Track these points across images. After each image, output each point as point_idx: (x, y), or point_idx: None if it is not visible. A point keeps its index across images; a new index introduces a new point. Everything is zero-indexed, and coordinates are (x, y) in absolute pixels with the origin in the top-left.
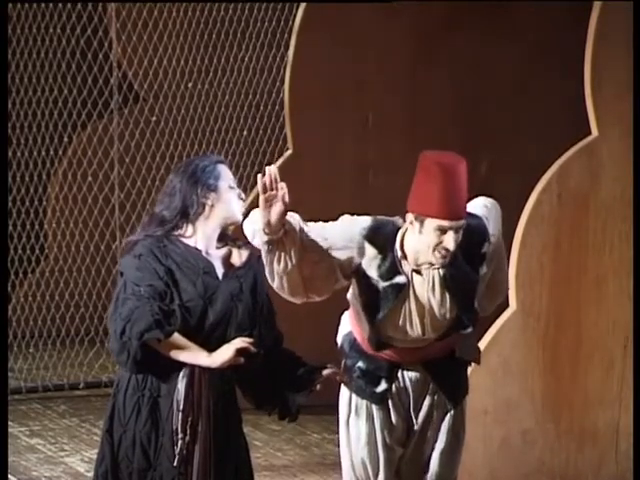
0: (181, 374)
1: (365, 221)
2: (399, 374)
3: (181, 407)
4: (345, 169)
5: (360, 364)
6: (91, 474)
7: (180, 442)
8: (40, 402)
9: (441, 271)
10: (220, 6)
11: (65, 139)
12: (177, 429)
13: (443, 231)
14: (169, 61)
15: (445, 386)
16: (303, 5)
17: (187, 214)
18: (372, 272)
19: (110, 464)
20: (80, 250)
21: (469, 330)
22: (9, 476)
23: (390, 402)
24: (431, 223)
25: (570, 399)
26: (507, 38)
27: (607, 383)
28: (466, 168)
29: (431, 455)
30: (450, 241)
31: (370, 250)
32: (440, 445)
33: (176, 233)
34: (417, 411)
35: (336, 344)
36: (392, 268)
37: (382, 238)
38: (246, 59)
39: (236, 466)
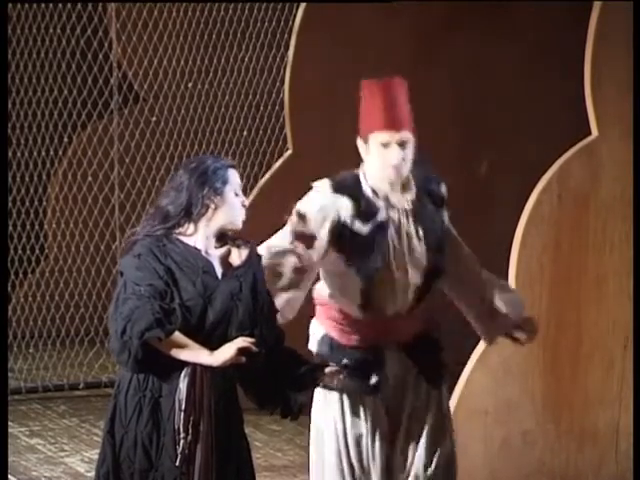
0: (182, 373)
1: (325, 182)
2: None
3: (183, 406)
4: (345, 169)
5: (346, 360)
6: (91, 474)
7: (182, 442)
8: (40, 402)
9: (408, 205)
10: (220, 6)
11: (65, 139)
12: (179, 428)
13: (386, 145)
14: (169, 61)
15: (426, 371)
16: (303, 5)
17: (190, 213)
18: (353, 221)
19: (111, 465)
20: (80, 250)
21: (440, 281)
22: (9, 476)
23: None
24: (374, 140)
25: (570, 399)
26: (507, 38)
27: (607, 383)
28: (405, 87)
29: (418, 444)
30: (394, 155)
31: (344, 201)
32: (428, 431)
33: (177, 231)
34: (402, 402)
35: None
36: (369, 208)
37: (349, 186)
38: (246, 59)
39: (238, 466)
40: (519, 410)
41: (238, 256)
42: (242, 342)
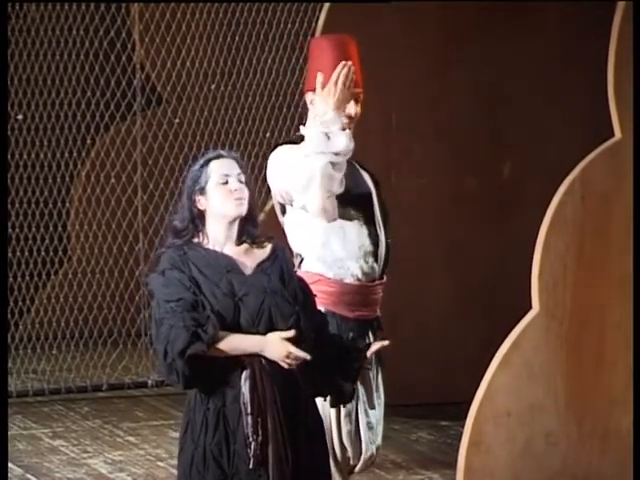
0: (243, 377)
1: (286, 147)
2: None
3: (249, 410)
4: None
5: (352, 334)
6: (114, 475)
7: (253, 444)
8: (63, 404)
9: None
10: (243, 8)
11: (88, 141)
12: (248, 432)
13: None
14: (192, 63)
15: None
16: (326, 7)
17: (196, 224)
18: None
19: None
20: (103, 252)
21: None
22: (30, 476)
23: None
24: None
25: (593, 401)
26: (532, 38)
27: (630, 384)
28: (355, 45)
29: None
30: (351, 106)
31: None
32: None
33: (195, 241)
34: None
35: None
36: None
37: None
38: (269, 61)
39: (310, 444)
40: (542, 412)
41: (262, 251)
42: (293, 360)
